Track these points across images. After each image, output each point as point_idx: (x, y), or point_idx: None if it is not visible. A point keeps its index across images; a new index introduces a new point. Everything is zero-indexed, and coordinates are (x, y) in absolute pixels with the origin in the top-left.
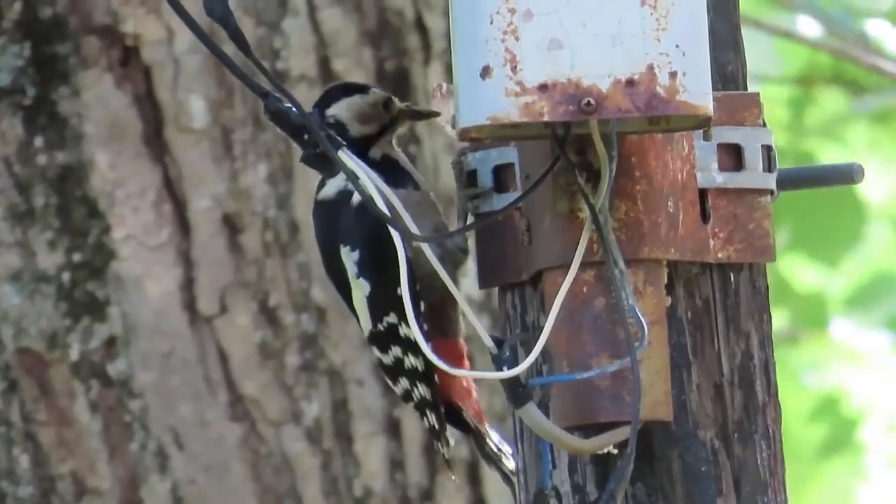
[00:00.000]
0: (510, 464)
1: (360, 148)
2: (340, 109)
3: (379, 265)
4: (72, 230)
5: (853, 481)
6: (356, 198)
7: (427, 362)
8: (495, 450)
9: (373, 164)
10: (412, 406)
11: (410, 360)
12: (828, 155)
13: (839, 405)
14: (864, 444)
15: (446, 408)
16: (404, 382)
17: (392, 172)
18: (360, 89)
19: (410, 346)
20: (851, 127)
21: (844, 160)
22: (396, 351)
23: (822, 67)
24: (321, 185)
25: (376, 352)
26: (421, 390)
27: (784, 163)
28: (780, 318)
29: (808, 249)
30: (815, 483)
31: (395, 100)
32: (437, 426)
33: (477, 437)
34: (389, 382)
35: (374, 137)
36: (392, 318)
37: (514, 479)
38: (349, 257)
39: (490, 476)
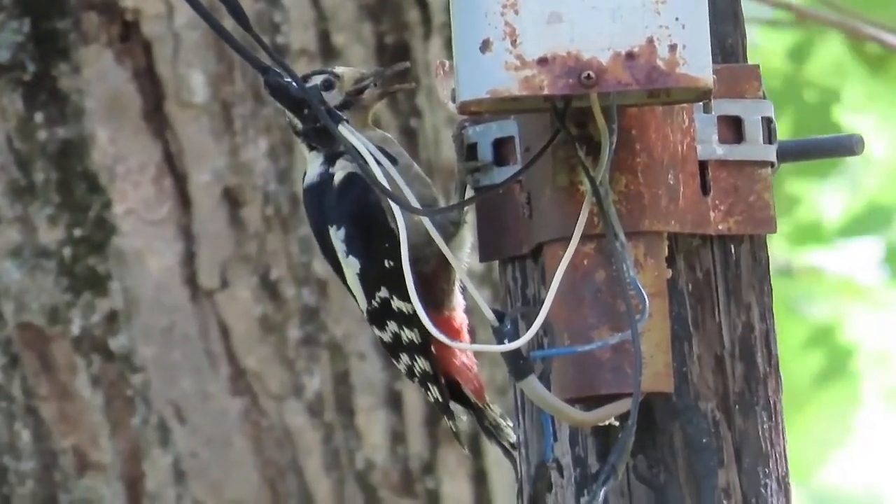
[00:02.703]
0: (511, 437)
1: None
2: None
3: (365, 240)
4: (72, 205)
5: (849, 410)
6: (338, 177)
7: (423, 334)
8: (495, 423)
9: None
10: (416, 382)
11: (406, 334)
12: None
13: (834, 334)
14: (860, 373)
15: (445, 381)
16: (405, 358)
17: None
18: (306, 79)
19: (405, 320)
20: (850, 80)
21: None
22: (393, 326)
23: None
24: (304, 175)
25: (376, 331)
26: (421, 364)
27: (781, 118)
28: (778, 243)
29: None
30: (811, 412)
31: (348, 77)
32: (440, 398)
33: (476, 411)
34: (393, 360)
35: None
36: (383, 292)
37: (514, 453)
38: (336, 237)
39: (491, 448)
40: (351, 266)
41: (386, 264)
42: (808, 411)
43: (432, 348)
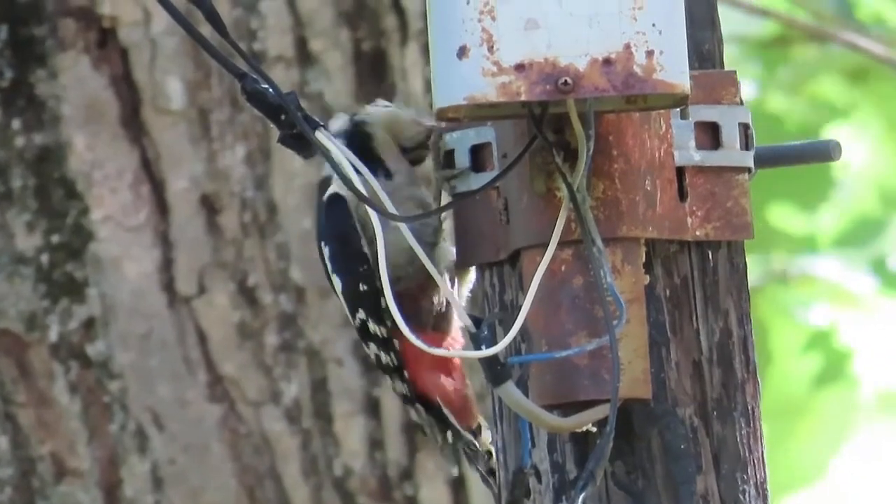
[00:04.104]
0: (490, 464)
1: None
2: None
3: (345, 259)
4: (50, 212)
5: (847, 414)
6: (326, 195)
7: (399, 357)
8: (473, 449)
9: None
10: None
11: (383, 357)
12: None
13: (831, 339)
14: (857, 377)
15: (423, 403)
16: (388, 379)
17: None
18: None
19: (382, 343)
20: (826, 85)
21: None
22: (373, 348)
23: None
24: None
25: (365, 347)
26: (398, 386)
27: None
28: (772, 261)
29: (787, 197)
30: (809, 417)
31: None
32: (419, 420)
33: (455, 433)
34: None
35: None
36: (361, 314)
37: (492, 481)
38: (325, 254)
39: None
40: (336, 284)
41: (360, 287)
42: (807, 417)
43: (405, 373)
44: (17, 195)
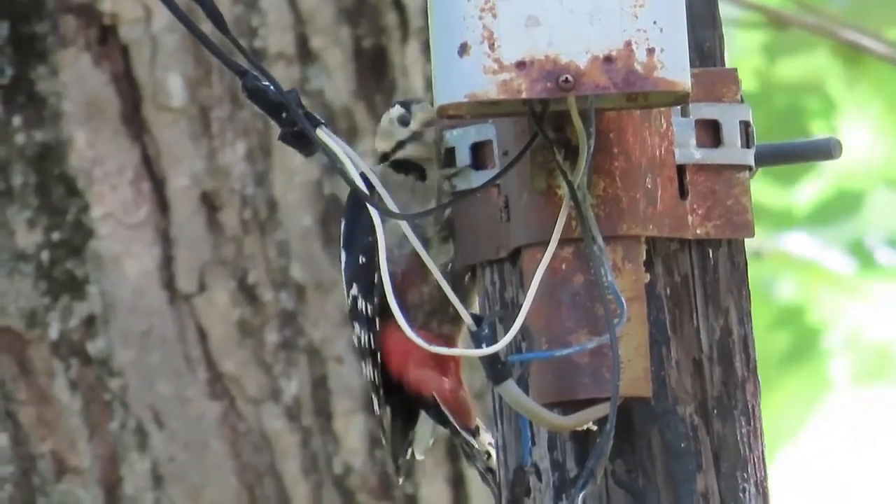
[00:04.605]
0: (490, 463)
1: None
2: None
3: (353, 233)
4: (50, 209)
5: (818, 389)
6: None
7: (375, 340)
8: (469, 446)
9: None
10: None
11: (363, 338)
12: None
13: (802, 315)
14: (828, 352)
15: (416, 399)
16: (362, 363)
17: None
18: (391, 106)
19: (365, 323)
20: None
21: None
22: (356, 329)
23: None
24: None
25: (351, 332)
26: (368, 371)
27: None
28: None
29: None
30: (780, 392)
31: (419, 115)
32: (377, 410)
33: (452, 430)
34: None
35: (393, 152)
36: (354, 290)
37: (491, 479)
38: (341, 231)
39: None
40: (342, 261)
41: (360, 260)
42: (778, 391)
43: (378, 357)
44: (18, 192)
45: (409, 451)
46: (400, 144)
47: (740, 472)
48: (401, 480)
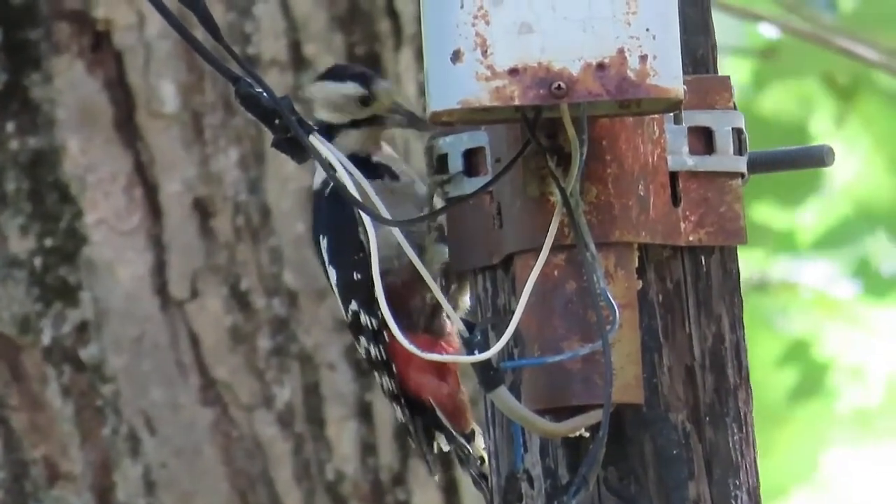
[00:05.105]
0: (483, 469)
1: (325, 133)
2: (313, 90)
3: (341, 249)
4: (43, 215)
5: (824, 427)
6: (330, 188)
7: (387, 351)
8: (465, 452)
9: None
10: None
11: (373, 351)
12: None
13: (809, 350)
14: (835, 389)
15: (415, 404)
16: (376, 376)
17: (363, 166)
18: (341, 77)
19: (372, 337)
20: (819, 105)
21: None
22: (364, 342)
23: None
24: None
25: (356, 345)
26: (385, 382)
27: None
28: (752, 261)
29: (771, 193)
30: (786, 429)
31: (384, 99)
32: (402, 419)
33: (448, 435)
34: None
35: (342, 127)
36: (354, 305)
37: (484, 484)
38: (322, 245)
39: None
40: (331, 276)
41: (355, 276)
42: (784, 428)
43: (394, 367)
44: (11, 198)
45: (435, 444)
46: (354, 123)
47: (732, 479)
48: (436, 477)
